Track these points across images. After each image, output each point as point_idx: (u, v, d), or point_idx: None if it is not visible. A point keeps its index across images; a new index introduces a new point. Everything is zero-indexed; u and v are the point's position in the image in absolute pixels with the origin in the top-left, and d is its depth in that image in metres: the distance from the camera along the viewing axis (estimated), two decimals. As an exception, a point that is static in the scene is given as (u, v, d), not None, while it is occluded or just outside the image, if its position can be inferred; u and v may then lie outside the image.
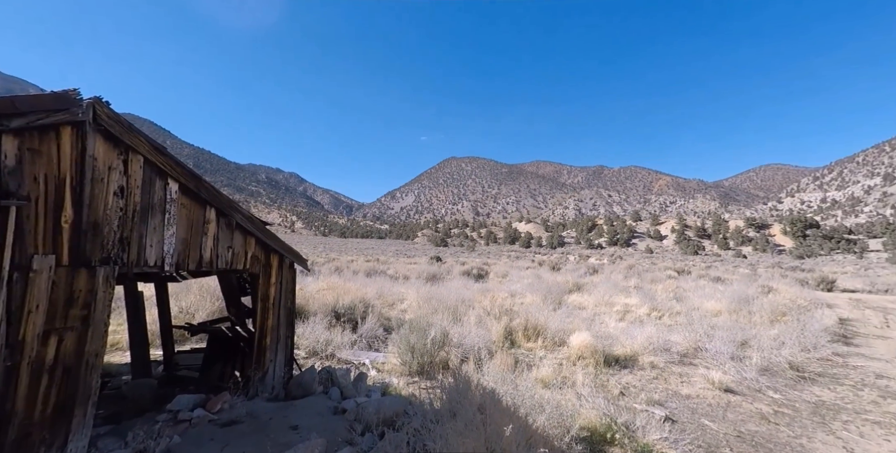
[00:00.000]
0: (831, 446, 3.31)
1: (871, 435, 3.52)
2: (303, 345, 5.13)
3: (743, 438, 3.45)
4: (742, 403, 4.26)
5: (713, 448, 3.26)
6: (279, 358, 3.17)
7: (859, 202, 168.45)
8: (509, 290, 12.39)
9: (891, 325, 9.14)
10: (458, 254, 65.85)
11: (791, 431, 3.59)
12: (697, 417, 3.90)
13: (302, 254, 3.70)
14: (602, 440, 3.30)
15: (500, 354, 4.56)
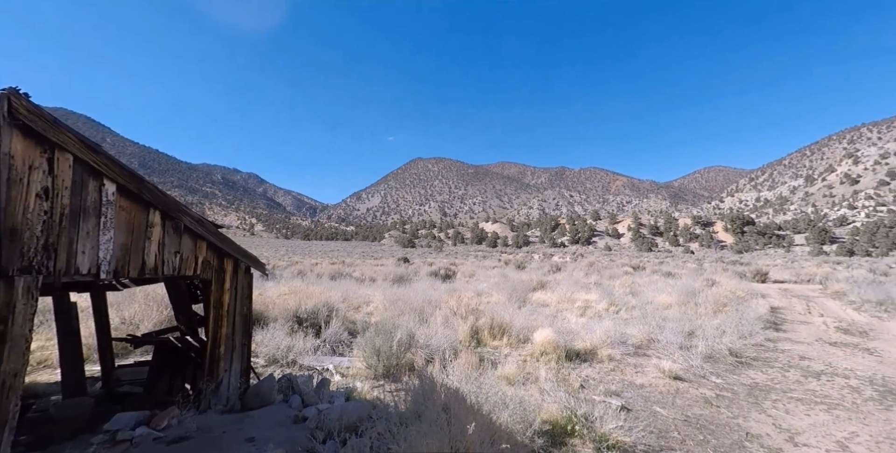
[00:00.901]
0: (763, 423, 3.63)
1: (794, 411, 3.91)
2: (262, 353, 4.91)
3: (689, 422, 3.70)
4: (689, 389, 4.56)
5: (663, 432, 3.47)
6: (234, 368, 3.01)
7: (786, 201, 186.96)
8: (476, 290, 12.53)
9: (812, 312, 10.18)
10: (426, 254, 65.66)
11: (730, 412, 3.90)
12: (650, 405, 4.14)
13: (261, 258, 3.54)
14: (563, 432, 3.41)
15: (464, 354, 4.61)
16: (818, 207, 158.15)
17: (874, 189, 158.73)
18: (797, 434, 3.43)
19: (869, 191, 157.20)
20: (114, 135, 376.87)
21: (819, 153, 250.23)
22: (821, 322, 8.73)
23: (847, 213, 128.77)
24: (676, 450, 3.18)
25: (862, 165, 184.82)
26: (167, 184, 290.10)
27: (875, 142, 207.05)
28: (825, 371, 5.22)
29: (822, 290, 15.20)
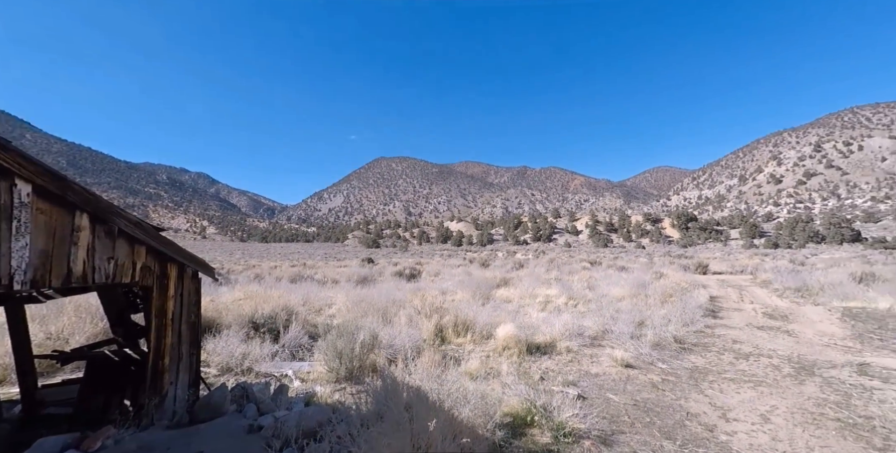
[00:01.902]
0: (701, 403, 3.96)
1: (727, 390, 4.30)
2: (214, 362, 4.64)
3: (638, 406, 3.96)
4: (638, 376, 4.87)
5: (615, 417, 3.69)
6: (182, 380, 2.82)
7: (723, 199, 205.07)
8: (441, 288, 12.59)
9: (744, 299, 11.23)
10: (391, 254, 65.01)
11: (673, 395, 4.21)
12: (604, 392, 4.37)
13: (213, 263, 3.35)
14: (523, 423, 3.53)
15: (427, 352, 4.63)
16: (749, 204, 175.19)
17: (794, 188, 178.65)
18: (729, 410, 3.77)
19: (790, 190, 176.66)
20: (35, 132, 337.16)
21: (750, 155, 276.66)
22: (751, 308, 9.63)
23: (773, 210, 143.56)
24: (626, 433, 3.39)
25: (784, 166, 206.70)
26: (103, 185, 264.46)
27: (794, 146, 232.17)
28: (753, 352, 5.78)
29: (752, 280, 16.78)
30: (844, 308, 9.21)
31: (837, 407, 3.77)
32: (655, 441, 3.23)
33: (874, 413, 3.63)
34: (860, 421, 3.49)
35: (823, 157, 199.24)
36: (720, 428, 3.43)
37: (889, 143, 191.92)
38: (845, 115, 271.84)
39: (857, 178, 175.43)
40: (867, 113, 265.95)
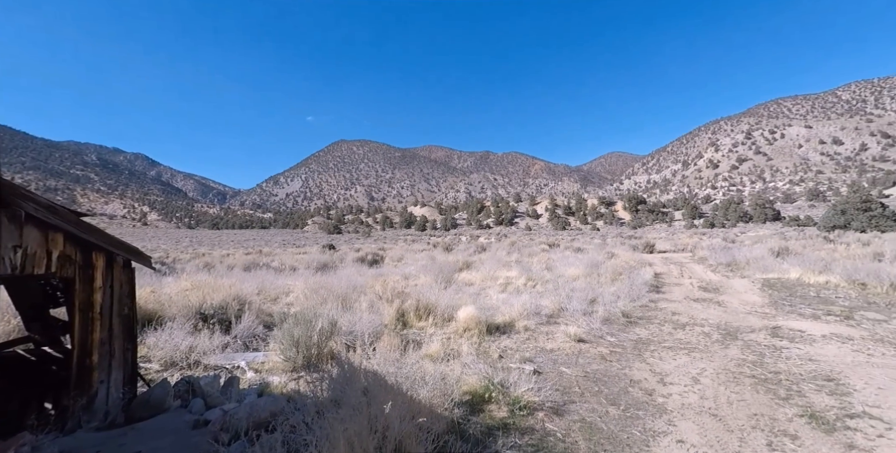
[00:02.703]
0: (642, 371, 4.31)
1: (666, 357, 4.71)
2: (157, 357, 4.34)
3: (588, 377, 4.22)
4: (589, 349, 5.18)
5: (566, 389, 3.92)
6: (114, 377, 2.60)
7: (669, 183, 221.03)
8: (404, 273, 12.56)
9: (683, 275, 12.25)
10: (353, 240, 63.77)
11: (619, 365, 4.54)
12: (557, 366, 4.62)
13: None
14: (482, 400, 3.65)
15: (387, 337, 4.62)
16: (691, 188, 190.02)
17: (728, 172, 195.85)
18: (666, 375, 4.14)
19: (725, 174, 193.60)
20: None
21: (692, 142, 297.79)
22: (688, 283, 10.53)
23: (711, 193, 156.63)
24: (576, 402, 3.61)
25: (720, 152, 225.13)
26: (16, 165, 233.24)
27: (729, 133, 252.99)
28: (688, 322, 6.34)
29: (691, 257, 18.30)
30: (764, 279, 10.32)
31: (753, 366, 4.26)
32: (602, 408, 3.48)
33: (781, 368, 4.15)
34: (770, 376, 3.98)
35: (753, 144, 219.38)
36: (658, 391, 3.76)
37: (804, 132, 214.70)
38: (771, 106, 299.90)
39: (779, 163, 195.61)
40: (788, 104, 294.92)
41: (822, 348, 4.81)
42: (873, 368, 4.06)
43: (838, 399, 3.41)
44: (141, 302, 5.73)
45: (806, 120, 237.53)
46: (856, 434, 2.85)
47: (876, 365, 4.17)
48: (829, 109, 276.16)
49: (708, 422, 3.11)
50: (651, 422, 3.17)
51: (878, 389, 3.56)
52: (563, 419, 3.32)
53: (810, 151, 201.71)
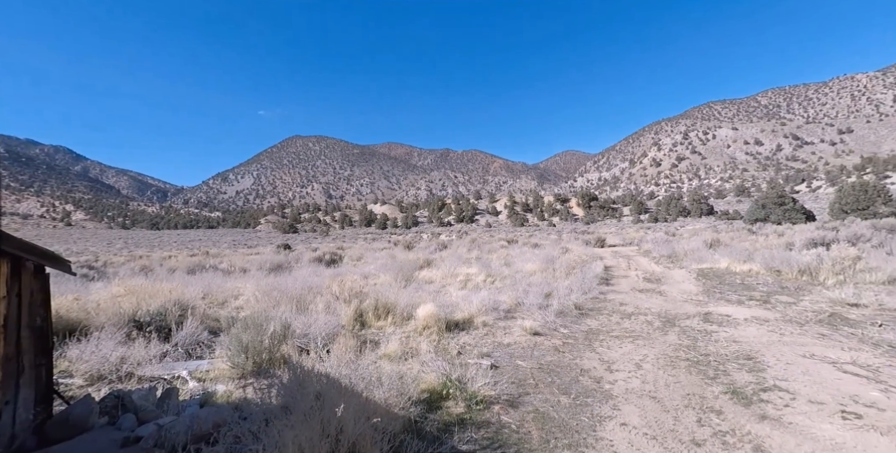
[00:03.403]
0: (592, 360, 4.55)
1: (613, 346, 5.01)
2: (80, 371, 3.91)
3: (542, 368, 4.39)
4: (544, 342, 5.38)
5: (522, 381, 4.05)
6: (24, 397, 2.31)
7: (618, 180, 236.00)
8: (363, 273, 12.31)
9: (630, 267, 13.10)
10: (310, 240, 61.48)
11: (571, 355, 4.76)
12: (514, 360, 4.75)
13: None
14: (439, 397, 3.68)
15: (343, 338, 4.52)
16: (637, 185, 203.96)
17: (669, 170, 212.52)
18: (612, 363, 4.40)
19: (666, 172, 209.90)
20: None
21: (637, 141, 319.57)
22: (634, 275, 11.27)
23: (654, 189, 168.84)
24: (531, 394, 3.74)
25: (662, 152, 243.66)
26: None
27: (669, 133, 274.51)
28: (634, 312, 6.79)
29: (637, 250, 19.60)
30: (699, 269, 11.31)
31: (688, 350, 4.66)
32: (554, 397, 3.63)
33: (711, 351, 4.58)
34: (701, 358, 4.38)
35: (689, 144, 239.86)
36: (605, 378, 3.99)
37: (732, 133, 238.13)
38: (704, 109, 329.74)
39: (711, 162, 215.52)
40: (718, 107, 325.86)
41: (744, 330, 5.36)
42: (783, 346, 4.60)
43: (755, 375, 3.83)
44: (62, 311, 5.15)
45: (733, 122, 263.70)
46: (767, 405, 3.22)
47: (785, 343, 4.72)
48: (752, 113, 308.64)
49: (648, 405, 3.35)
50: (598, 408, 3.36)
51: (787, 364, 4.04)
52: (518, 410, 3.43)
53: (737, 151, 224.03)
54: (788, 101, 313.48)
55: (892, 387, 3.42)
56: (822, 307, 6.31)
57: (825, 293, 6.99)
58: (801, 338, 4.91)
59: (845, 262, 8.82)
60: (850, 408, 3.09)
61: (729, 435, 2.82)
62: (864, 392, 3.35)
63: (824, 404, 3.18)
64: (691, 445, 2.73)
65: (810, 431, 2.81)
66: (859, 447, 2.61)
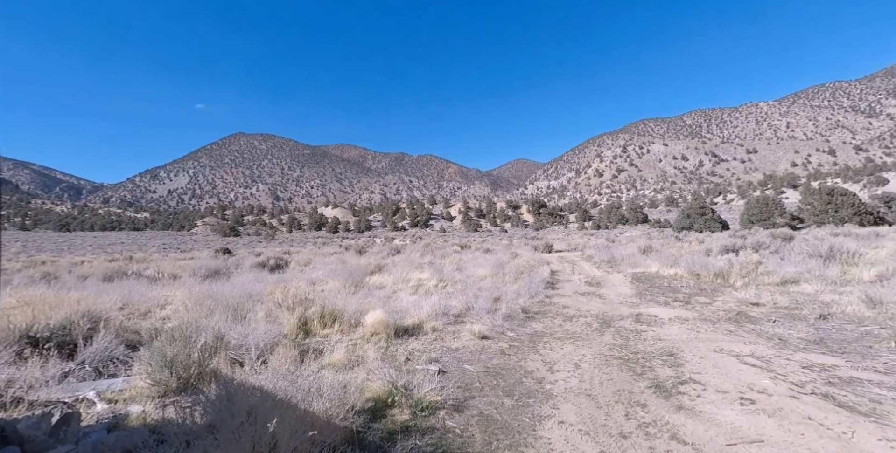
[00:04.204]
0: (535, 361, 4.73)
1: (555, 347, 5.25)
2: (-46, 400, 3.30)
3: (488, 372, 4.47)
4: (491, 345, 5.49)
5: (468, 385, 4.09)
6: None
7: (565, 188, 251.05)
8: (310, 278, 11.81)
9: (574, 272, 13.87)
10: (254, 244, 57.82)
11: (517, 358, 4.91)
12: (461, 364, 4.80)
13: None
14: (385, 405, 3.61)
15: (282, 348, 4.27)
16: (582, 193, 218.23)
17: (610, 181, 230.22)
18: (554, 364, 4.61)
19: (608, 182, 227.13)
20: None
21: (583, 153, 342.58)
22: (577, 279, 11.94)
23: (597, 198, 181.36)
24: (476, 397, 3.79)
25: (604, 163, 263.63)
26: None
27: (610, 146, 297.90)
28: (575, 314, 7.18)
29: (581, 255, 20.81)
30: (634, 273, 12.26)
31: (620, 349, 5.02)
32: (499, 400, 3.71)
33: (640, 349, 4.98)
34: (631, 356, 4.73)
35: (628, 157, 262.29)
36: (547, 379, 4.16)
37: (663, 149, 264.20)
38: (640, 125, 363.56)
39: (646, 175, 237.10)
40: (652, 124, 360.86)
41: (668, 329, 5.89)
42: (699, 342, 5.12)
43: (675, 370, 4.22)
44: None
45: (664, 139, 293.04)
46: (684, 397, 3.56)
47: (701, 339, 5.26)
48: (679, 131, 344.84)
49: (584, 402, 3.55)
50: (539, 408, 3.49)
51: (701, 359, 4.50)
52: (463, 415, 3.46)
53: (667, 165, 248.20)
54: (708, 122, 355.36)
55: (779, 375, 3.94)
56: (731, 306, 7.11)
57: (734, 294, 7.90)
58: (714, 334, 5.50)
59: (750, 266, 10.05)
60: (747, 395, 3.52)
61: (651, 426, 3.07)
62: (758, 380, 3.83)
63: (727, 393, 3.58)
64: (619, 438, 2.93)
65: (716, 418, 3.15)
66: (751, 428, 2.97)
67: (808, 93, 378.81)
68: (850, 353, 4.50)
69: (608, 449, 2.80)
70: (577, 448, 2.84)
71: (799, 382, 3.77)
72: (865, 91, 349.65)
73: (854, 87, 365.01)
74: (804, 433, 2.87)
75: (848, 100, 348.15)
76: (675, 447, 2.78)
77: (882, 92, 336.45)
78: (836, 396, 3.45)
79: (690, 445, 2.80)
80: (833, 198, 32.35)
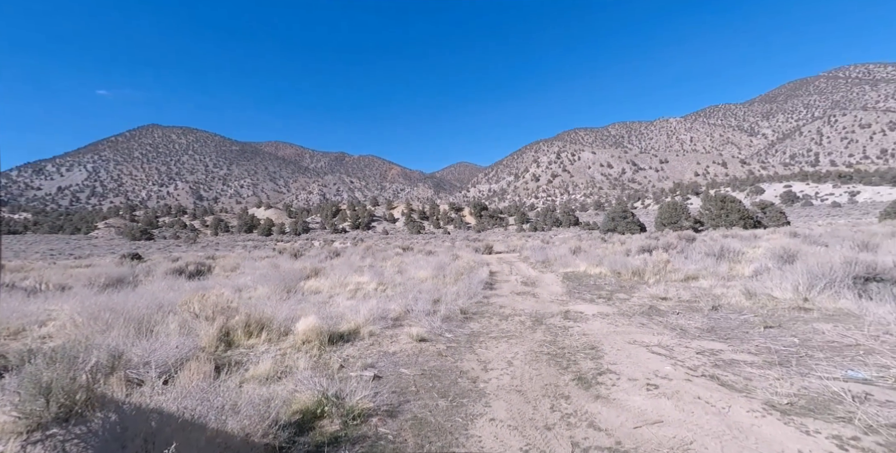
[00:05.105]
0: (471, 361, 4.83)
1: (491, 346, 5.41)
2: None
3: (425, 374, 4.46)
4: (429, 347, 5.49)
5: (403, 389, 4.04)
6: None
7: (505, 192, 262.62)
8: (237, 285, 10.91)
9: (511, 272, 14.47)
10: (171, 248, 51.92)
11: (453, 359, 4.96)
12: (398, 368, 4.73)
13: None
14: (313, 417, 3.42)
15: (195, 363, 3.85)
16: (521, 197, 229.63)
17: (546, 185, 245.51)
18: (488, 362, 4.74)
19: (544, 187, 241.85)
20: None
21: (521, 158, 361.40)
22: (514, 279, 12.46)
23: (535, 202, 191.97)
24: (411, 401, 3.76)
25: (541, 168, 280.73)
26: None
27: (546, 153, 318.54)
28: (511, 314, 7.47)
29: (518, 256, 21.79)
30: (565, 273, 13.12)
31: (549, 345, 5.32)
32: (433, 402, 3.71)
33: (566, 344, 5.33)
34: (559, 351, 5.04)
35: (561, 164, 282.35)
36: (481, 378, 4.26)
37: (592, 157, 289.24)
38: (572, 134, 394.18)
39: (577, 180, 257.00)
40: (582, 133, 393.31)
41: (592, 324, 6.38)
42: (617, 335, 5.62)
43: (595, 362, 4.57)
44: None
45: (592, 147, 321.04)
46: (601, 387, 3.87)
47: (619, 333, 5.78)
48: (605, 141, 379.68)
49: (514, 398, 3.69)
50: (472, 407, 3.55)
51: (617, 351, 4.94)
52: (397, 420, 3.40)
53: (595, 172, 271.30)
54: (629, 134, 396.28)
55: (678, 362, 4.47)
56: (644, 301, 7.92)
57: (647, 290, 8.81)
58: (629, 327, 6.07)
59: (660, 265, 11.31)
60: (653, 381, 3.94)
61: (573, 416, 3.29)
62: (662, 367, 4.31)
63: (637, 380, 3.97)
64: (544, 430, 3.09)
65: (626, 404, 3.47)
66: (654, 411, 3.33)
67: (706, 112, 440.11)
68: (732, 339, 5.25)
69: (534, 441, 2.94)
70: (505, 443, 2.93)
71: (693, 366, 4.31)
72: (747, 113, 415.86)
73: (739, 110, 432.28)
74: (694, 411, 3.28)
75: (735, 120, 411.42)
76: (591, 434, 3.01)
77: (759, 115, 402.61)
78: (720, 377, 4.00)
79: (604, 431, 3.05)
80: (725, 204, 37.78)
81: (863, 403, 3.28)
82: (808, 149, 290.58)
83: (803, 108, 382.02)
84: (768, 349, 4.78)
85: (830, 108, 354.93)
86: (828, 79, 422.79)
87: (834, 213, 74.10)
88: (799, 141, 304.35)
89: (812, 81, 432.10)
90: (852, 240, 13.28)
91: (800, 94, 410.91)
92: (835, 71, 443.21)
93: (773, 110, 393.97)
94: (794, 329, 5.55)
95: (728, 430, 2.97)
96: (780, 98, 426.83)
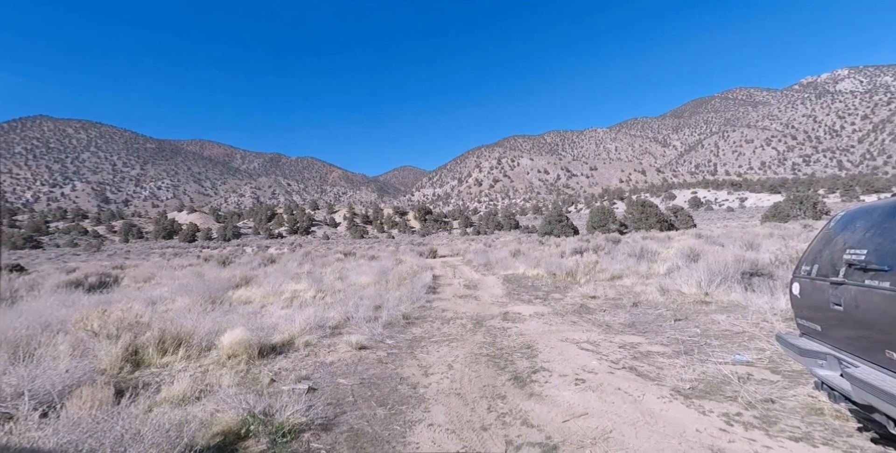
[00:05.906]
0: (412, 367, 4.79)
1: (432, 351, 5.42)
2: None
3: (364, 383, 4.33)
4: (369, 355, 5.34)
5: (340, 400, 3.88)
6: None
7: (449, 196, 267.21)
8: (150, 297, 9.73)
9: (455, 276, 14.68)
10: (67, 257, 44.91)
11: (394, 365, 4.88)
12: (335, 378, 4.53)
13: None
14: (237, 437, 3.15)
15: (88, 389, 3.33)
16: (465, 201, 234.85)
17: (488, 190, 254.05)
18: (429, 367, 4.74)
19: (486, 191, 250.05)
20: None
21: (464, 162, 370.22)
22: (457, 282, 12.64)
23: (478, 206, 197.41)
24: (348, 412, 3.62)
25: (483, 173, 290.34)
26: None
27: (487, 158, 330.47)
28: (453, 317, 7.55)
29: (462, 260, 22.17)
30: (505, 275, 13.62)
31: (489, 346, 5.47)
32: (371, 411, 3.61)
33: (505, 345, 5.52)
34: (497, 352, 5.21)
35: (502, 169, 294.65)
36: (421, 383, 4.24)
37: (530, 163, 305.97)
38: (511, 140, 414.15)
39: (517, 185, 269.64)
40: (521, 140, 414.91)
41: (528, 324, 6.68)
42: (551, 334, 5.96)
43: (531, 361, 4.80)
44: None
45: (531, 154, 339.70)
46: (535, 384, 4.07)
47: (552, 331, 6.13)
48: (542, 148, 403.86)
49: (453, 402, 3.72)
50: (411, 414, 3.51)
51: (551, 348, 5.24)
52: (332, 433, 3.25)
53: (533, 178, 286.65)
54: (563, 142, 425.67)
55: (604, 356, 4.87)
56: (576, 300, 8.50)
57: (579, 289, 9.47)
58: (562, 326, 6.46)
59: (590, 266, 12.23)
60: (581, 376, 4.24)
61: (508, 415, 3.41)
62: (589, 362, 4.66)
63: (567, 376, 4.25)
64: (480, 431, 3.16)
65: (557, 399, 3.69)
66: (581, 404, 3.58)
67: (628, 123, 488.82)
68: (649, 332, 5.84)
69: (470, 443, 2.99)
70: (442, 447, 2.94)
71: (615, 360, 4.71)
72: (661, 126, 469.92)
73: (654, 122, 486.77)
74: (614, 402, 3.58)
75: (651, 132, 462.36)
76: (524, 431, 3.13)
77: (670, 128, 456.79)
78: (637, 368, 4.42)
79: (536, 427, 3.19)
80: (644, 209, 42.11)
81: (745, 383, 3.84)
82: (709, 160, 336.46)
83: (703, 123, 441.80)
84: (677, 340, 5.38)
85: (724, 124, 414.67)
86: (721, 99, 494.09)
87: (728, 217, 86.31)
88: (701, 152, 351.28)
89: (709, 100, 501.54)
90: (741, 240, 15.53)
91: (700, 112, 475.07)
92: (726, 92, 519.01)
93: (681, 125, 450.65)
94: (697, 320, 6.32)
95: (642, 417, 3.28)
96: (685, 114, 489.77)
